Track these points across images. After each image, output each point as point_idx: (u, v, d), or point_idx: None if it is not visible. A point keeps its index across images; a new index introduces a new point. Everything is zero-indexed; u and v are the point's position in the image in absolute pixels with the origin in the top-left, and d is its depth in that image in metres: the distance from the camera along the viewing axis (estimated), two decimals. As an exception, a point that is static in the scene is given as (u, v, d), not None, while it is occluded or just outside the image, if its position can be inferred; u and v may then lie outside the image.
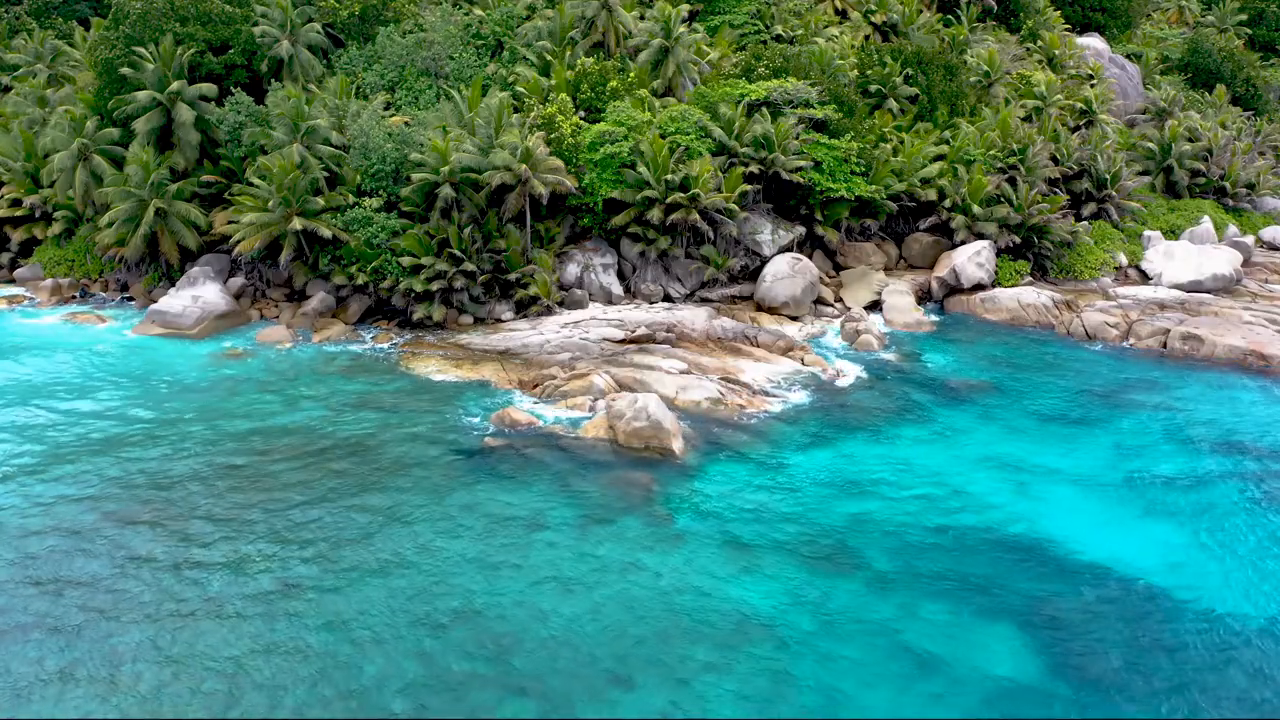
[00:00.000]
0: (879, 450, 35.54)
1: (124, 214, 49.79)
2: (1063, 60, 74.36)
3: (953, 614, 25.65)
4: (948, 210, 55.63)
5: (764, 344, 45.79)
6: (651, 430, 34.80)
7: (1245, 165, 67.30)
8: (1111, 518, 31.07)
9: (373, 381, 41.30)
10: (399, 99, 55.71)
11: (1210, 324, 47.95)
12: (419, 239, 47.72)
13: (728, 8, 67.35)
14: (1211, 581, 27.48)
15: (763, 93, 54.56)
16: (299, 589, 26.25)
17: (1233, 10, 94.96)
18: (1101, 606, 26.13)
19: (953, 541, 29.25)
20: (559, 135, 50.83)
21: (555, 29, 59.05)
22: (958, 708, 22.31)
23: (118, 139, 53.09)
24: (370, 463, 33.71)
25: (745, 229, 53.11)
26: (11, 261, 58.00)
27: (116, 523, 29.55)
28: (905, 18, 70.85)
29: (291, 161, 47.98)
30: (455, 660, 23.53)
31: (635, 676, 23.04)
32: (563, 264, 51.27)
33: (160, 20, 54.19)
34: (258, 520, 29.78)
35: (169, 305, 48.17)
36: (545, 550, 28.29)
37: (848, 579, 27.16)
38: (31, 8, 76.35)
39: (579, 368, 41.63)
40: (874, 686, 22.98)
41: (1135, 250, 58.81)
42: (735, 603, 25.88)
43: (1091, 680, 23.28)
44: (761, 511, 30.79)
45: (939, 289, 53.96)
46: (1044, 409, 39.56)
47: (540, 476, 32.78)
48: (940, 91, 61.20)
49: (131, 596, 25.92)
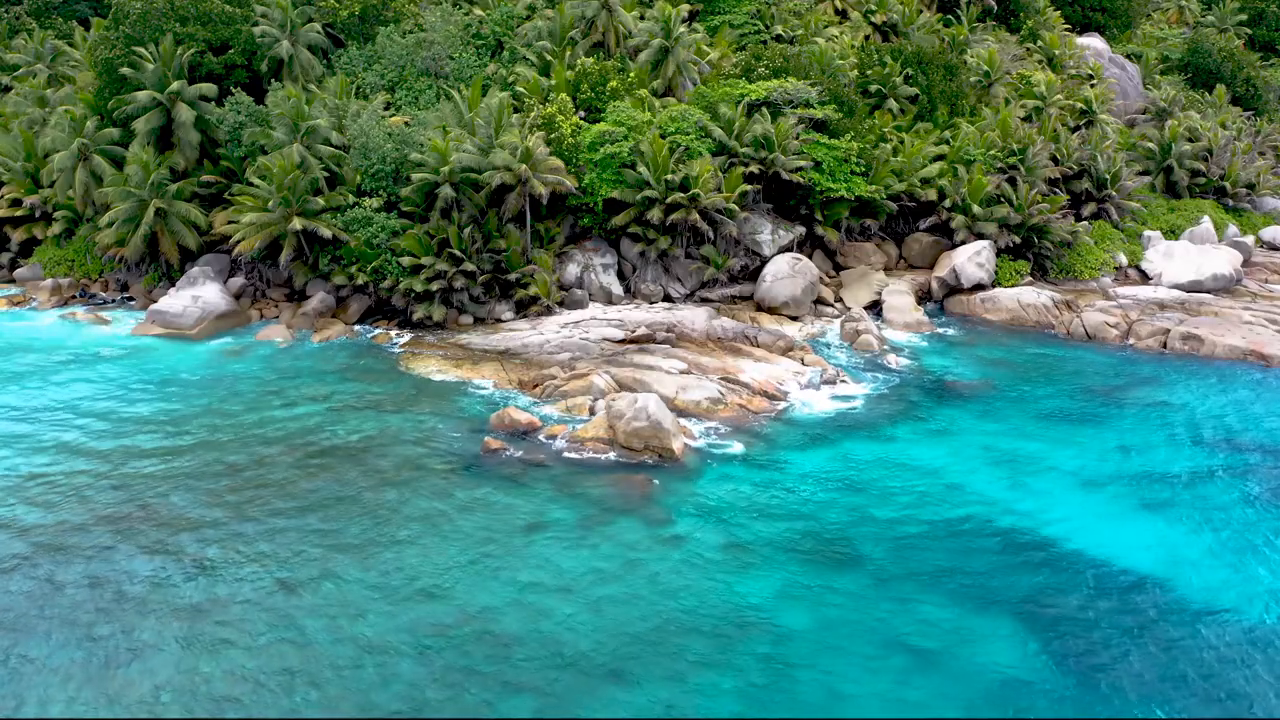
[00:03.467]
0: (878, 449, 35.56)
1: (124, 214, 49.83)
2: (1063, 60, 74.39)
3: (952, 612, 25.65)
4: (948, 210, 55.64)
5: (764, 344, 45.79)
6: (651, 430, 34.80)
7: (1245, 165, 67.29)
8: (1111, 515, 31.08)
9: (372, 381, 41.30)
10: (399, 99, 55.73)
11: (1210, 324, 47.96)
12: (419, 239, 47.73)
13: (728, 8, 67.38)
14: (1211, 579, 27.49)
15: (763, 93, 54.57)
16: (298, 588, 26.27)
17: (1233, 10, 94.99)
18: (1101, 604, 26.15)
19: (952, 539, 29.27)
20: (559, 135, 50.85)
21: (555, 29, 59.09)
22: (957, 705, 22.30)
23: (118, 139, 53.16)
24: (370, 463, 33.71)
25: (745, 229, 53.13)
26: (11, 261, 58.10)
27: (114, 522, 29.56)
28: (905, 18, 70.91)
29: (291, 161, 48.00)
30: (455, 659, 23.54)
31: (634, 675, 23.05)
32: (563, 264, 51.28)
33: (160, 20, 54.23)
34: (256, 520, 29.80)
35: (169, 305, 48.19)
36: (545, 549, 28.32)
37: (847, 577, 27.19)
38: (31, 8, 76.42)
39: (579, 368, 41.63)
40: (873, 685, 22.98)
41: (1135, 250, 58.82)
42: (734, 601, 25.90)
43: (1090, 678, 23.28)
44: (761, 510, 30.81)
45: (939, 289, 53.97)
46: (1044, 408, 39.57)
47: (540, 476, 32.79)
48: (940, 91, 61.21)
49: (129, 596, 25.93)
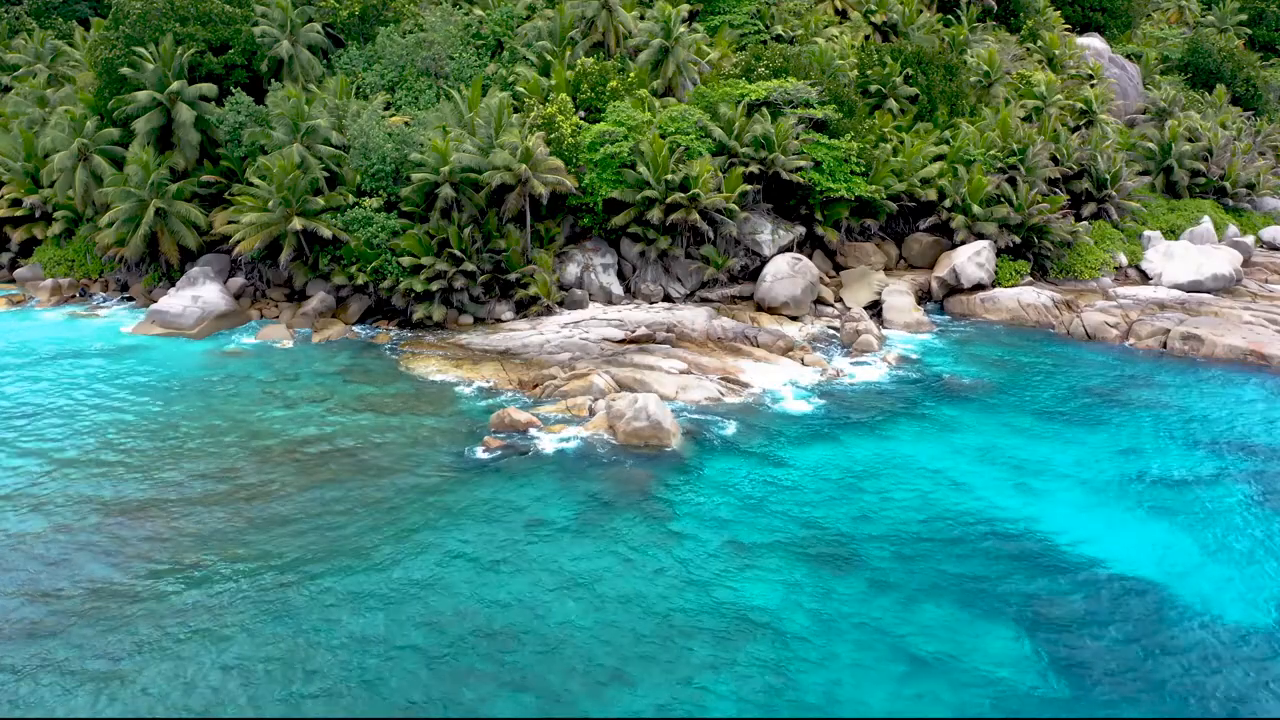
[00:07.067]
0: (878, 449, 35.55)
1: (124, 214, 49.84)
2: (1063, 60, 74.43)
3: (952, 612, 25.64)
4: (948, 210, 55.65)
5: (764, 344, 45.80)
6: (651, 430, 34.81)
7: (1245, 165, 67.31)
8: (1111, 516, 31.06)
9: (372, 381, 41.30)
10: (399, 99, 55.74)
11: (1210, 324, 47.96)
12: (419, 239, 47.73)
13: (728, 8, 67.40)
14: (1211, 580, 27.47)
15: (763, 93, 54.57)
16: (297, 587, 26.27)
17: (1233, 10, 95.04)
18: (1101, 605, 26.13)
19: (951, 539, 29.26)
20: (559, 135, 50.85)
21: (555, 29, 59.09)
22: (956, 706, 22.29)
23: (118, 139, 53.17)
24: (369, 462, 33.71)
25: (745, 229, 53.13)
26: (11, 261, 58.14)
27: (113, 522, 29.54)
28: (905, 18, 70.92)
29: (291, 161, 48.01)
30: (455, 657, 23.53)
31: (634, 674, 23.04)
32: (563, 264, 51.28)
33: (160, 20, 54.24)
34: (256, 519, 29.79)
35: (169, 305, 48.19)
36: (545, 549, 28.31)
37: (847, 576, 27.18)
38: (31, 8, 76.44)
39: (579, 368, 41.63)
40: (873, 684, 22.97)
41: (1135, 250, 58.82)
42: (735, 600, 25.90)
43: (1090, 679, 23.26)
44: (761, 510, 30.81)
45: (939, 289, 53.98)
46: (1043, 408, 39.57)
47: (540, 476, 32.78)
48: (940, 91, 61.22)
49: (128, 596, 25.91)
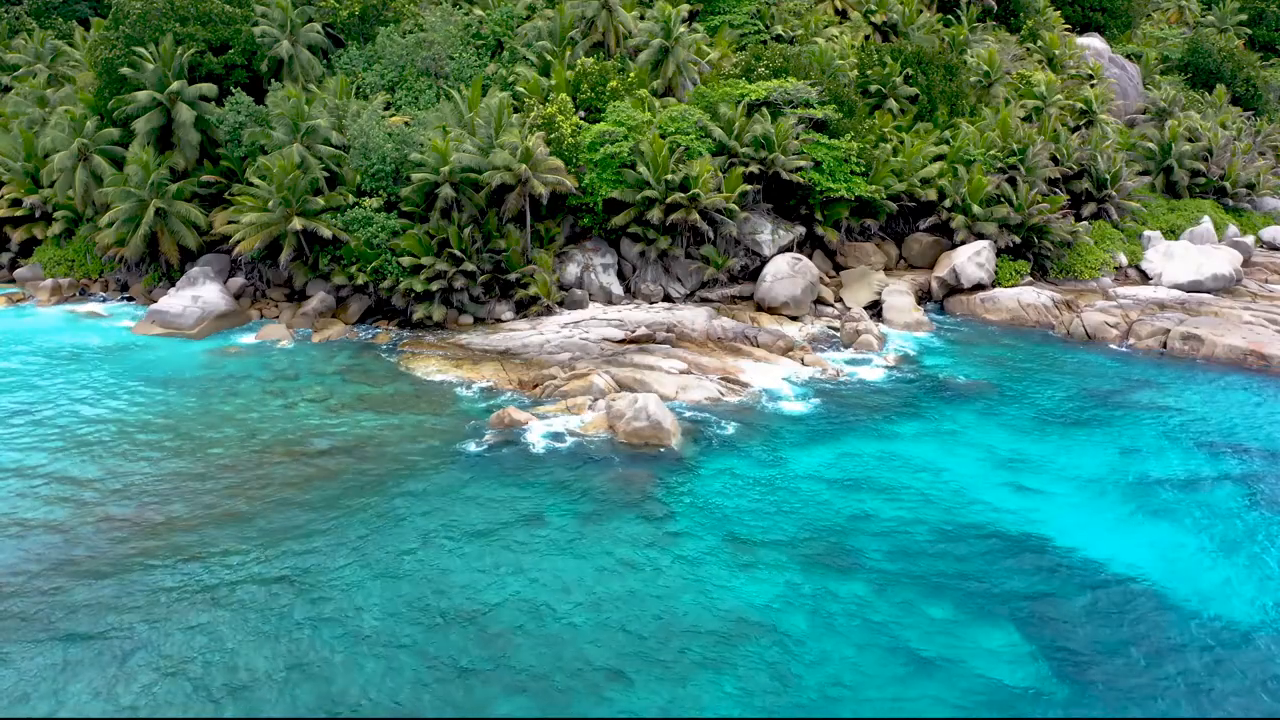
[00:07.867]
0: (878, 449, 35.55)
1: (124, 214, 49.83)
2: (1063, 60, 74.43)
3: (951, 612, 25.65)
4: (948, 210, 55.65)
5: (764, 344, 45.80)
6: (651, 430, 34.81)
7: (1245, 165, 67.31)
8: (1111, 517, 31.06)
9: (372, 381, 41.31)
10: (399, 99, 55.73)
11: (1210, 324, 47.95)
12: (419, 239, 47.73)
13: (728, 8, 67.40)
14: (1211, 581, 27.47)
15: (763, 93, 54.57)
16: (297, 587, 26.26)
17: (1233, 10, 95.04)
18: (1101, 605, 26.13)
19: (951, 539, 29.26)
20: (559, 135, 50.84)
21: (555, 29, 59.08)
22: (956, 706, 22.30)
23: (118, 139, 53.16)
24: (369, 462, 33.71)
25: (745, 229, 53.13)
26: (11, 261, 58.12)
27: (113, 521, 29.56)
28: (905, 18, 70.93)
29: (291, 161, 48.00)
30: (454, 658, 23.53)
31: (634, 674, 23.05)
32: (563, 264, 51.27)
33: (160, 20, 54.22)
34: (255, 519, 29.80)
35: (169, 305, 48.19)
36: (544, 549, 28.31)
37: (846, 576, 27.18)
38: (31, 8, 76.43)
39: (579, 368, 41.64)
40: (872, 684, 22.97)
41: (1135, 250, 58.82)
42: (734, 600, 25.90)
43: (1090, 679, 23.27)
44: (761, 510, 30.81)
45: (939, 289, 53.97)
46: (1043, 408, 39.57)
47: (540, 476, 32.79)
48: (940, 91, 61.22)
49: (128, 595, 25.91)
